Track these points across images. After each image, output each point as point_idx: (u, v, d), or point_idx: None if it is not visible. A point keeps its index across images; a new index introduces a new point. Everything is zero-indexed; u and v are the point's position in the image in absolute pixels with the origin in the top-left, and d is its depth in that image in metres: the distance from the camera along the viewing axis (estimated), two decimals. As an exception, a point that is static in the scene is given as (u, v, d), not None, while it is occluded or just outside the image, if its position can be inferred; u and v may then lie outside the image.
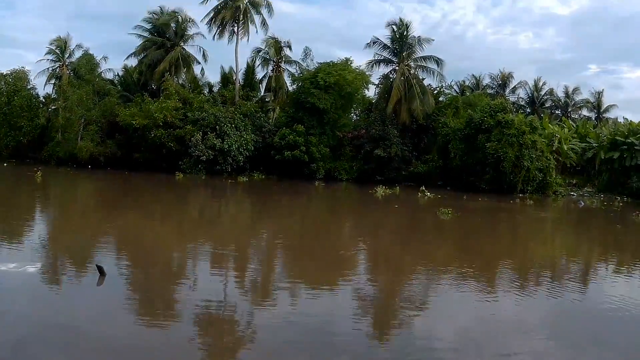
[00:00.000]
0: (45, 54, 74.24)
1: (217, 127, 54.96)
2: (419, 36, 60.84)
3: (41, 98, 72.63)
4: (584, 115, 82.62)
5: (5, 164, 60.65)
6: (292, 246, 22.08)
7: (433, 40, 61.77)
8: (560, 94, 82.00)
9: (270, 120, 62.29)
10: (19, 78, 69.09)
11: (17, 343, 9.29)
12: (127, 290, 13.80)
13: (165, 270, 16.41)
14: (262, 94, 68.67)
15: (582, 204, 49.16)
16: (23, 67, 71.85)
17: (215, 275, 16.38)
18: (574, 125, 66.71)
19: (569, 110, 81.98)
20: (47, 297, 12.72)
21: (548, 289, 16.38)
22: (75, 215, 28.72)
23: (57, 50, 73.03)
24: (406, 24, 60.33)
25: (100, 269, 13.86)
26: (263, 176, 57.12)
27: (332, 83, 56.38)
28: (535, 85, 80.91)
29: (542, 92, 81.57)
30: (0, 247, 17.93)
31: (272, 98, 67.62)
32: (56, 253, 18.08)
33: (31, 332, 10.01)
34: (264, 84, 69.48)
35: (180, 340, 10.05)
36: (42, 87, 76.22)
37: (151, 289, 13.87)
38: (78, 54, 71.76)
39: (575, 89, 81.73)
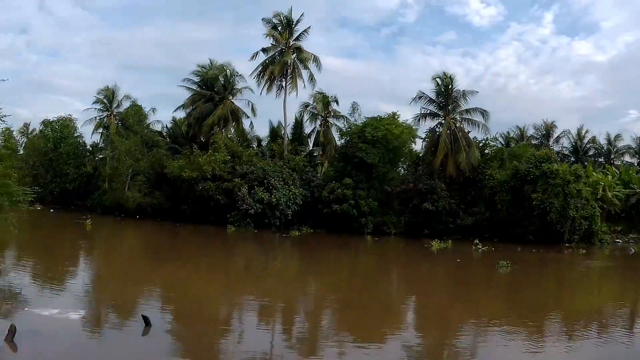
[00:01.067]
0: (93, 103, 79.09)
1: (265, 180, 58.38)
2: (463, 90, 64.16)
3: (88, 146, 77.54)
4: (627, 162, 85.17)
5: (51, 210, 66.11)
6: (347, 300, 23.64)
7: (477, 92, 65.16)
8: (602, 141, 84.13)
9: (318, 175, 65.99)
10: (66, 125, 74.60)
11: None
12: (171, 341, 14.84)
13: (212, 322, 17.46)
14: (310, 148, 72.40)
15: (632, 250, 52.20)
16: (70, 115, 77.31)
17: (261, 328, 17.46)
18: (617, 172, 69.60)
19: (612, 157, 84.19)
20: (89, 344, 13.81)
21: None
22: (124, 264, 31.23)
23: (104, 100, 77.64)
24: (450, 77, 63.62)
25: (146, 319, 14.77)
26: (311, 230, 59.90)
27: (379, 137, 59.70)
28: (578, 133, 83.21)
29: (585, 141, 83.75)
30: (47, 293, 19.73)
31: (320, 152, 71.34)
32: (102, 301, 19.74)
33: None
34: (312, 138, 73.33)
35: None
36: (89, 135, 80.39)
37: (196, 341, 14.87)
38: (126, 104, 76.72)
39: (617, 136, 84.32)
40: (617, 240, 59.60)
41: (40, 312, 15.81)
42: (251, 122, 74.20)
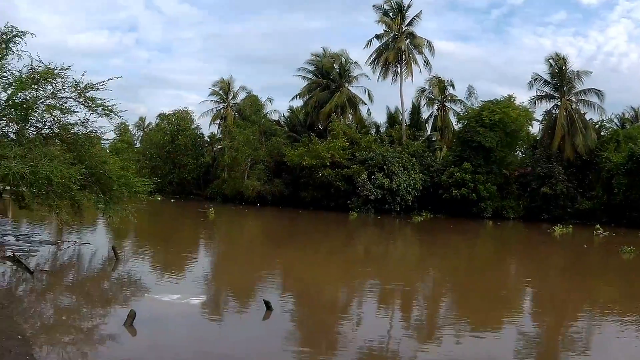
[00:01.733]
0: (209, 95, 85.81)
1: (385, 166, 63.74)
2: (577, 70, 67.37)
3: (206, 137, 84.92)
4: None
5: (172, 200, 71.61)
6: (466, 285, 23.62)
7: (591, 72, 68.01)
8: None
9: (437, 160, 71.16)
10: (182, 118, 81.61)
11: None
12: (291, 325, 14.97)
13: (331, 307, 17.60)
14: (428, 133, 76.44)
15: None
16: (186, 108, 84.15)
17: (380, 313, 17.39)
18: None
19: None
20: (208, 328, 14.13)
21: None
22: (245, 250, 32.60)
23: (220, 92, 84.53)
24: (563, 58, 67.32)
25: (268, 304, 15.00)
26: (431, 215, 63.17)
27: (496, 121, 62.88)
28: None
29: None
30: (167, 280, 20.53)
31: (439, 137, 75.07)
32: (223, 287, 20.48)
33: (187, 358, 11.14)
34: (430, 123, 77.19)
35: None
36: (206, 126, 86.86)
37: (315, 325, 14.98)
38: (242, 95, 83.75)
39: None
40: None
41: (160, 298, 16.20)
42: (368, 109, 79.49)
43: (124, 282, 19.83)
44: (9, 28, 24.91)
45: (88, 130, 25.45)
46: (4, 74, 24.32)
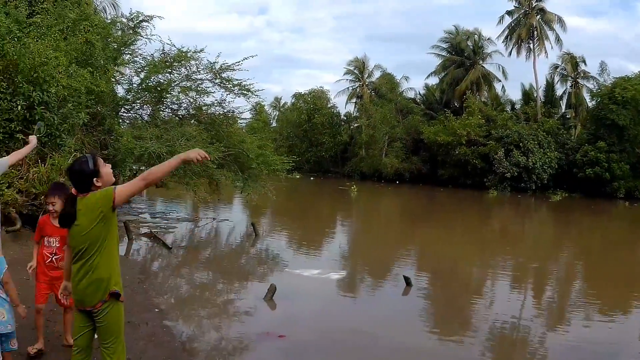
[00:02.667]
0: (344, 74, 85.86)
1: (520, 144, 61.54)
2: None
3: (342, 116, 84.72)
4: None
5: (311, 178, 72.03)
6: (597, 266, 22.42)
7: None
8: None
9: (572, 138, 68.15)
10: (318, 97, 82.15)
11: (313, 343, 10.24)
12: (426, 301, 14.62)
13: (465, 285, 17.29)
14: (563, 110, 73.64)
15: None
16: (321, 87, 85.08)
17: (513, 292, 16.81)
18: None
19: None
20: (347, 303, 14.03)
21: None
22: (383, 227, 32.31)
23: (355, 71, 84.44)
24: None
25: (407, 280, 14.89)
26: (566, 194, 61.01)
27: (629, 98, 59.18)
28: None
29: None
30: (306, 255, 20.29)
31: (573, 114, 72.26)
32: (362, 262, 20.04)
33: (328, 334, 10.83)
34: (564, 100, 74.34)
35: (468, 354, 10.51)
36: (342, 105, 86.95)
37: (449, 302, 14.74)
38: (377, 74, 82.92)
39: None
40: None
41: (300, 273, 16.02)
42: (503, 86, 77.51)
43: (262, 258, 19.68)
44: (135, 14, 25.45)
45: (225, 111, 25.73)
46: (136, 58, 24.92)
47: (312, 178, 71.88)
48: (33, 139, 8.10)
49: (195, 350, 9.40)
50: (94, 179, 5.49)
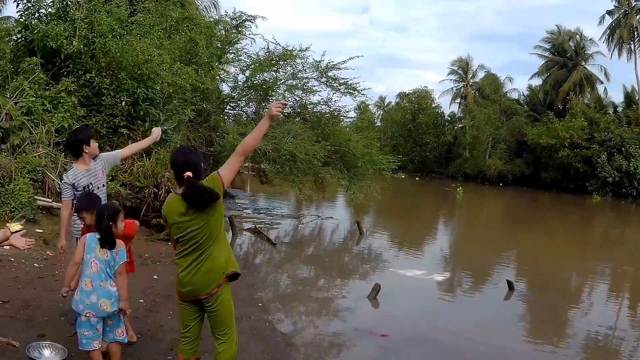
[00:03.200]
0: (448, 74, 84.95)
1: (622, 148, 58.22)
2: None
3: (446, 116, 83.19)
4: None
5: (416, 178, 70.82)
6: None
7: None
8: None
9: None
10: (422, 97, 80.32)
11: (414, 344, 10.05)
12: (526, 306, 14.23)
13: (564, 290, 16.73)
14: None
15: None
16: (425, 87, 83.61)
17: (610, 301, 15.96)
18: None
19: None
20: (448, 305, 13.71)
21: None
22: (484, 230, 30.84)
23: (459, 71, 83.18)
24: None
25: (510, 284, 14.64)
26: None
27: None
28: None
29: None
30: (408, 255, 19.97)
31: None
32: (464, 265, 19.37)
33: (430, 335, 10.67)
34: None
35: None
36: (446, 106, 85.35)
37: (547, 308, 14.11)
38: (480, 74, 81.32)
39: None
40: None
41: (404, 273, 15.76)
42: (605, 88, 75.34)
43: (366, 256, 19.38)
44: (238, 14, 25.76)
45: (331, 109, 25.45)
46: (240, 56, 25.14)
47: (417, 178, 70.56)
48: (156, 131, 8.15)
49: (296, 345, 9.36)
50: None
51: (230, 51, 25.20)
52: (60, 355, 6.73)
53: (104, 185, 7.56)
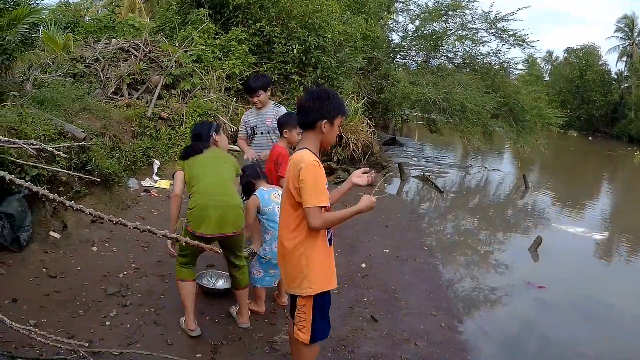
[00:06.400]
0: (614, 32, 78.94)
1: None
2: None
3: (613, 74, 76.82)
4: None
5: (590, 138, 65.80)
6: None
7: None
8: None
9: None
10: (590, 54, 74.86)
11: (570, 299, 9.23)
12: None
13: None
14: None
15: None
16: (592, 43, 78.30)
17: None
18: None
19: None
20: (601, 265, 12.46)
21: None
22: None
23: (625, 29, 77.28)
24: None
25: None
26: None
27: None
28: None
29: None
30: (569, 213, 18.15)
31: None
32: (624, 226, 17.29)
33: (583, 294, 9.68)
34: None
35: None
36: (613, 63, 79.71)
37: None
38: (651, 32, 76.06)
39: None
40: None
41: (566, 229, 14.71)
42: None
43: (528, 211, 17.71)
44: None
45: (501, 61, 24.16)
46: (410, 6, 24.29)
47: (590, 138, 65.51)
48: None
49: (457, 287, 9.03)
50: None
51: (399, 1, 24.33)
52: (228, 284, 6.62)
53: (268, 133, 7.35)
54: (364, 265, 8.62)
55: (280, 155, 6.56)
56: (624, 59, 76.35)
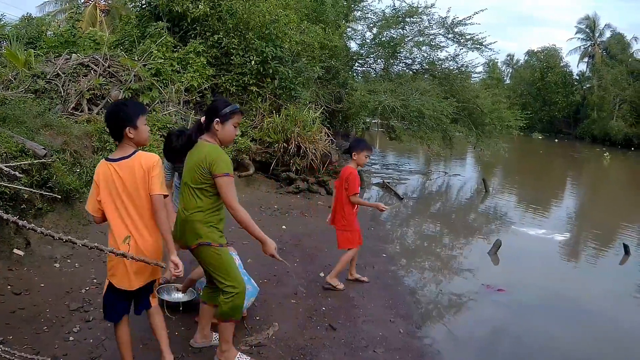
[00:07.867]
0: (575, 33, 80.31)
1: None
2: None
3: (575, 75, 78.80)
4: None
5: (555, 140, 66.80)
6: None
7: None
8: None
9: None
10: (551, 55, 76.71)
11: (531, 302, 9.30)
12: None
13: None
14: None
15: None
16: (553, 45, 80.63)
17: None
18: None
19: None
20: (564, 266, 12.63)
21: None
22: (614, 196, 27.03)
23: (586, 30, 78.74)
24: None
25: (626, 248, 13.42)
26: None
27: None
28: None
29: None
30: (531, 215, 18.36)
31: None
32: (584, 227, 17.71)
33: (546, 294, 9.82)
34: None
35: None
36: (574, 64, 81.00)
37: None
38: (607, 33, 76.63)
39: None
40: None
41: (526, 231, 15.12)
42: None
43: (490, 215, 18.25)
44: None
45: (459, 65, 24.52)
46: (367, 14, 24.78)
47: (556, 140, 66.45)
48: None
49: (417, 293, 9.20)
50: None
51: (357, 9, 24.82)
52: (188, 296, 6.73)
53: None
54: (322, 274, 8.83)
55: (351, 174, 7.81)
56: (586, 59, 77.88)
